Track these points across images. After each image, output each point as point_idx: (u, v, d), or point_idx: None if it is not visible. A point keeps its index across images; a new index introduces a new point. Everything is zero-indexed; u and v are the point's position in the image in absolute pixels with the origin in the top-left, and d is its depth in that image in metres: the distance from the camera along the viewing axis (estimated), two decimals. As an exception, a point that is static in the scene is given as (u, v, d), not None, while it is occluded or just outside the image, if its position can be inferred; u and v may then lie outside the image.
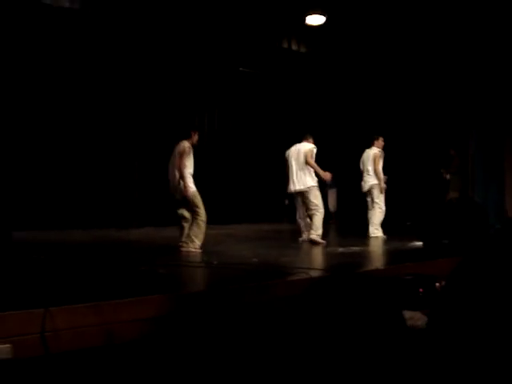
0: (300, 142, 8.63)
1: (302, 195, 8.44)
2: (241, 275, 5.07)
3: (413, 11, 10.83)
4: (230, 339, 3.61)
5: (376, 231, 9.33)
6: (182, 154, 7.11)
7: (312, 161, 8.32)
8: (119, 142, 11.23)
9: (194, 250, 7.03)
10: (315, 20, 11.58)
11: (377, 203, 9.37)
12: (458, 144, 11.61)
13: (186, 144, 7.20)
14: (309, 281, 4.54)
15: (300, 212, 8.65)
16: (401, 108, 12.25)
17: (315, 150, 8.42)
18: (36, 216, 10.15)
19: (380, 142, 9.58)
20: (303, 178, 8.35)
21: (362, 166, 9.60)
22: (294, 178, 8.44)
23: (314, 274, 5.00)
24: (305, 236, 8.49)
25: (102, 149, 11.07)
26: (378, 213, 9.37)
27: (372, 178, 9.40)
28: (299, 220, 8.71)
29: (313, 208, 8.30)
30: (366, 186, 9.50)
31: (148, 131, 11.52)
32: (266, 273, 5.15)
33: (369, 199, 9.52)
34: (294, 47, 12.86)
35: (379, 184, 9.34)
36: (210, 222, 7.27)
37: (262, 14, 11.53)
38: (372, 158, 9.39)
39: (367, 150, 9.59)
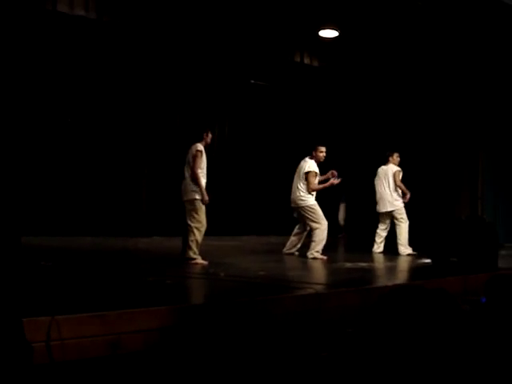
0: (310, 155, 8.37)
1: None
2: (247, 288, 5.07)
3: (428, 27, 10.81)
4: (235, 352, 3.60)
5: (406, 249, 8.78)
6: (194, 157, 7.04)
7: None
8: (129, 149, 11.26)
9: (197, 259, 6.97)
10: (328, 34, 11.60)
11: (403, 218, 8.92)
12: (468, 161, 11.56)
13: (198, 146, 7.13)
14: (323, 296, 4.53)
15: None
16: (412, 123, 12.21)
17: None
18: (45, 222, 10.18)
19: (395, 158, 9.12)
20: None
21: (378, 184, 9.08)
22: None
23: (320, 289, 4.99)
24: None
25: (111, 156, 11.10)
26: (405, 228, 8.85)
27: (395, 200, 8.96)
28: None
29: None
30: (388, 207, 8.99)
31: (158, 139, 11.56)
32: (272, 287, 5.15)
33: (387, 220, 9.09)
34: (307, 61, 12.88)
35: (405, 198, 8.92)
36: (217, 233, 7.25)
37: (275, 27, 11.57)
38: (392, 175, 8.95)
39: (384, 168, 9.11)
